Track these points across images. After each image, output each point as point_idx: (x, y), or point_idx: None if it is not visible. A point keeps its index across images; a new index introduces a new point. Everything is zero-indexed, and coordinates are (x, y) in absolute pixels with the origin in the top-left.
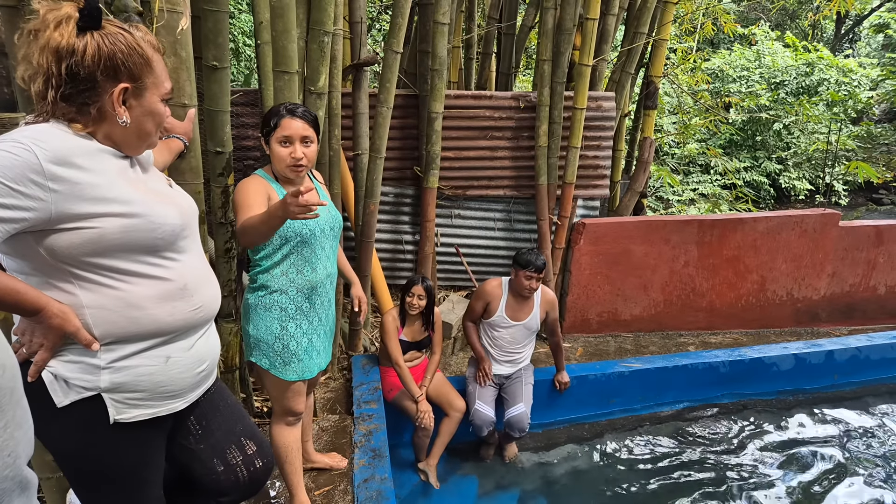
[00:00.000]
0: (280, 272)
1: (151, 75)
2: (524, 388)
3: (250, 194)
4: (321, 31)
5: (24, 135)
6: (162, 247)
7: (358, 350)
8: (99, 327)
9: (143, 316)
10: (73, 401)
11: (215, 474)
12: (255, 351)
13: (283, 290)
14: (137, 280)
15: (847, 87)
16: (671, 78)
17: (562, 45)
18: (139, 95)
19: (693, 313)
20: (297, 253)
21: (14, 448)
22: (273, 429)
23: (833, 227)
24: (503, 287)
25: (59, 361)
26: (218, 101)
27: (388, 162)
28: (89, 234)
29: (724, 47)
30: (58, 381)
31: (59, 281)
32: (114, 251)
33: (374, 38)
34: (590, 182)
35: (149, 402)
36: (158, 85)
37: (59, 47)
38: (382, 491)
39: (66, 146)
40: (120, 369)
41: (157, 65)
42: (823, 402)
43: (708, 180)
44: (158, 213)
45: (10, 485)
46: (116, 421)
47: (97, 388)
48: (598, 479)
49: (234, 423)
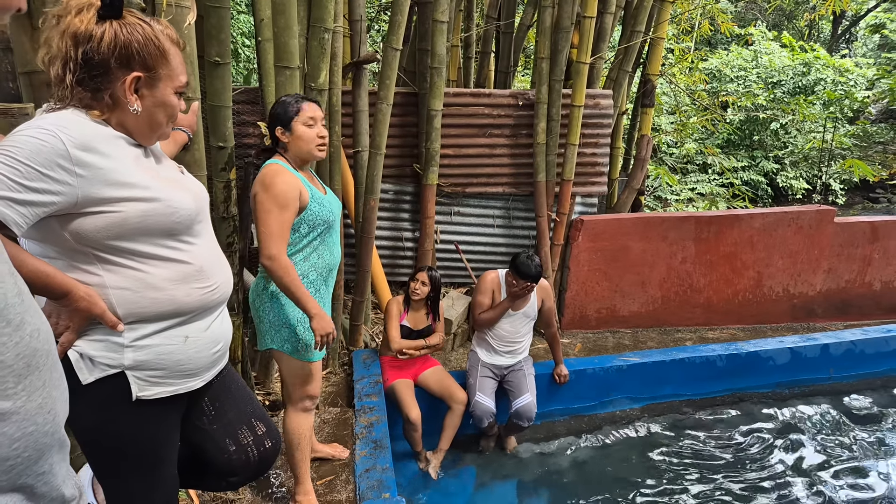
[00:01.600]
0: (302, 257)
1: (166, 67)
2: (528, 378)
3: (288, 192)
4: (322, 27)
5: (48, 122)
6: (179, 230)
7: (358, 345)
8: (122, 307)
9: (162, 296)
10: (98, 378)
11: (227, 454)
12: (276, 338)
13: (304, 275)
14: (157, 262)
15: (843, 86)
16: (669, 77)
17: (560, 43)
18: (152, 86)
19: (690, 309)
20: (320, 239)
21: (53, 406)
22: (288, 416)
23: (829, 224)
24: (500, 278)
25: (84, 340)
26: (220, 96)
27: (388, 159)
28: (113, 218)
29: (722, 47)
30: (83, 359)
31: (83, 263)
32: (135, 234)
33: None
34: (588, 179)
35: (169, 380)
36: (173, 77)
37: (78, 32)
38: (383, 480)
39: (87, 132)
40: (142, 347)
41: (174, 58)
42: (819, 395)
43: (706, 179)
44: (175, 198)
45: (50, 440)
46: (139, 398)
47: (121, 366)
48: (596, 470)
49: (245, 404)
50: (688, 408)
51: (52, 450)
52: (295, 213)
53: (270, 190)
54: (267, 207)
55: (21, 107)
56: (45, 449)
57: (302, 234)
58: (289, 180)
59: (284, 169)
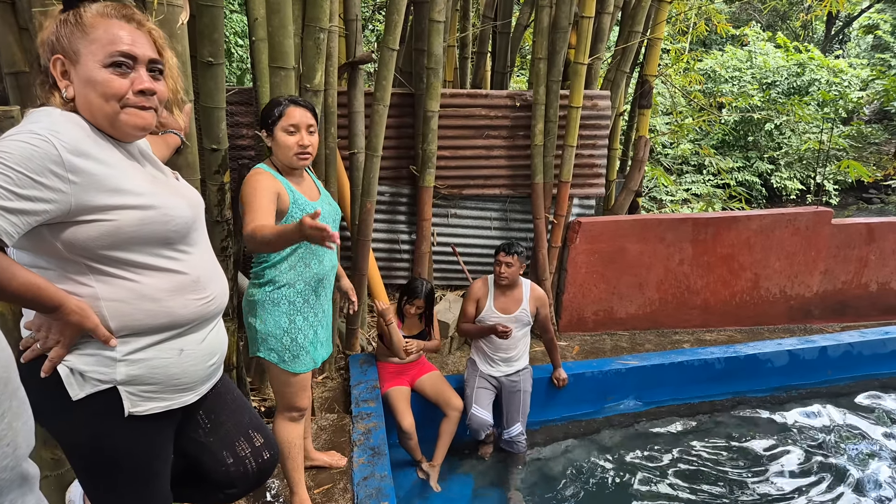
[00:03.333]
0: (288, 266)
1: (85, 40)
2: (522, 400)
3: (260, 193)
4: (317, 27)
5: (41, 126)
6: (175, 239)
7: (355, 349)
8: (115, 320)
9: (157, 308)
10: (88, 394)
11: (225, 466)
12: (263, 346)
13: (291, 284)
14: (152, 273)
15: (838, 87)
16: (664, 78)
17: (557, 43)
18: (74, 64)
19: (688, 311)
20: (305, 246)
21: (13, 438)
22: (277, 425)
23: (825, 225)
24: (489, 283)
25: (74, 355)
26: (213, 97)
27: (384, 161)
28: (106, 227)
29: (717, 48)
30: (74, 374)
31: (75, 274)
32: (129, 244)
33: (367, 39)
34: (585, 181)
35: (162, 395)
36: (96, 51)
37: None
38: (382, 488)
39: (79, 136)
40: (135, 362)
41: (99, 29)
42: (817, 398)
43: (701, 180)
44: (171, 205)
45: (10, 475)
46: (131, 413)
47: (113, 381)
48: (595, 474)
49: (242, 414)
50: (686, 411)
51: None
52: (274, 201)
53: (246, 185)
54: (246, 200)
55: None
56: (2, 485)
57: None
58: (265, 179)
59: (265, 172)
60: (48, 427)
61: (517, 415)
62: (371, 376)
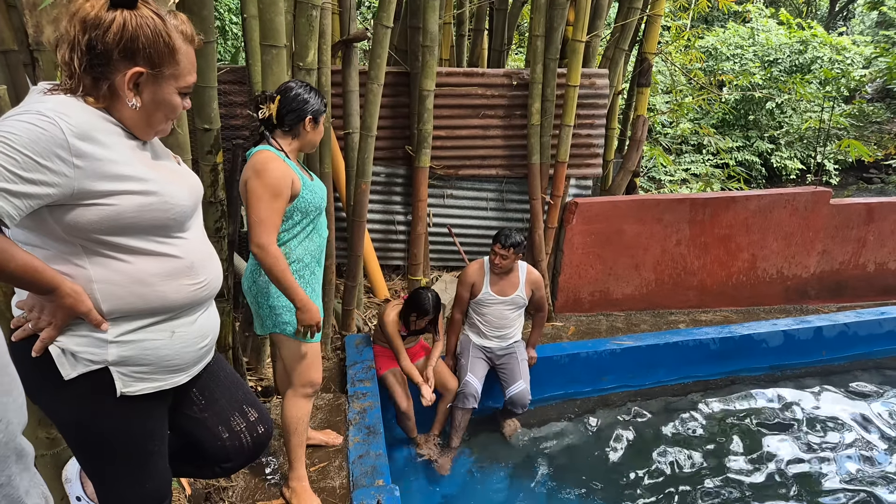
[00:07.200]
0: (297, 243)
1: (172, 66)
2: (521, 365)
3: (281, 180)
4: (309, 3)
5: (48, 107)
6: (173, 227)
7: (351, 330)
8: (107, 302)
9: (150, 292)
10: (80, 374)
11: (221, 441)
12: (278, 321)
13: (300, 259)
14: (147, 257)
15: (840, 65)
16: (664, 56)
17: (555, 20)
18: (155, 83)
19: (684, 292)
20: (312, 224)
21: (4, 414)
22: (288, 401)
23: (824, 206)
24: (484, 267)
25: (66, 335)
26: (205, 76)
27: (379, 141)
28: (107, 212)
29: (718, 25)
30: (65, 354)
31: (69, 255)
32: (128, 229)
33: (362, 15)
34: (583, 161)
35: (154, 376)
36: (178, 77)
37: (87, 18)
38: (377, 466)
39: (87, 120)
40: (127, 343)
41: (184, 57)
42: (812, 377)
43: (700, 160)
44: (172, 193)
45: (5, 451)
46: (123, 394)
47: (104, 362)
48: (589, 453)
49: (235, 390)
50: (681, 391)
51: (9, 460)
52: (286, 201)
53: (263, 177)
54: (258, 194)
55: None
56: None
57: (296, 220)
58: (282, 167)
59: (276, 156)
60: (41, 405)
61: (517, 374)
62: (367, 356)
